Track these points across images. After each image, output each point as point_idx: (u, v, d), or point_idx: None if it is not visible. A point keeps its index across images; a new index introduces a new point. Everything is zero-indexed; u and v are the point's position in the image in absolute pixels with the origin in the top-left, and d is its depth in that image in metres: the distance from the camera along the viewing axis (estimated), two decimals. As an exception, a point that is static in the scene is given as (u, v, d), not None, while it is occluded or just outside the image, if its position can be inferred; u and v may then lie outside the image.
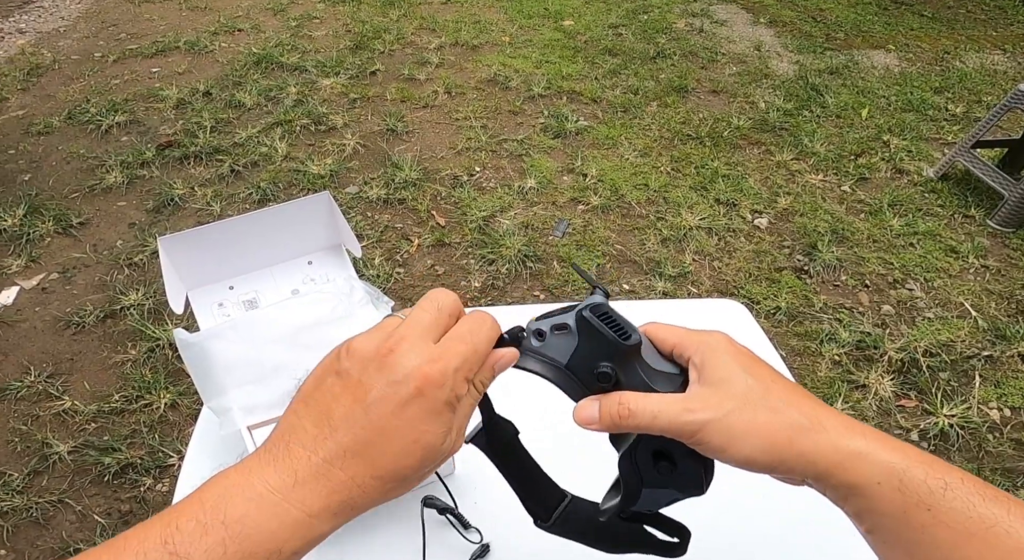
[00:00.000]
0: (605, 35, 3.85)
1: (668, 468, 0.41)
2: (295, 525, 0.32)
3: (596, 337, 0.40)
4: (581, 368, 0.40)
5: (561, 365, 0.40)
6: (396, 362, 0.34)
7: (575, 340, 0.40)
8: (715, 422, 0.37)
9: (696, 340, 0.41)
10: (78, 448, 1.68)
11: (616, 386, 0.40)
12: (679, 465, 0.41)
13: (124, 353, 1.92)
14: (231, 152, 2.75)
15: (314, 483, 0.33)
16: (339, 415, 0.34)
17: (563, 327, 0.41)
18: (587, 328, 0.40)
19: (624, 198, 2.55)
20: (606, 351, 0.40)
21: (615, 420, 0.39)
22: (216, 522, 0.31)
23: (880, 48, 3.86)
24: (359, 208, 2.48)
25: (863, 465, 0.35)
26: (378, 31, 3.78)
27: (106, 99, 3.12)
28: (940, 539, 0.33)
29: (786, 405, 0.38)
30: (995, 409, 1.82)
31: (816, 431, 0.37)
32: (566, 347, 0.40)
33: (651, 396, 0.39)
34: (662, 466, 0.41)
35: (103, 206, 2.50)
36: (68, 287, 2.16)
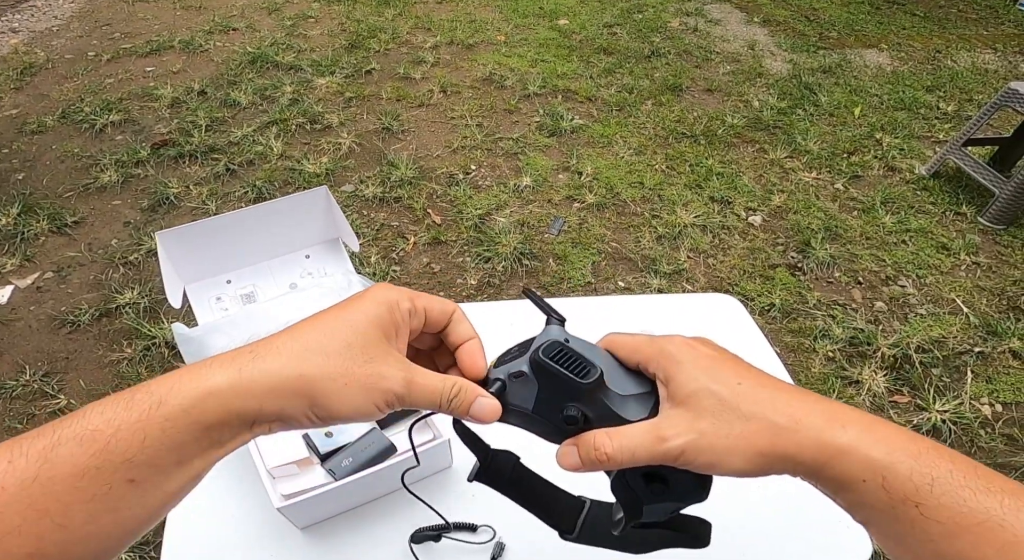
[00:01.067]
0: (600, 34, 3.86)
1: (661, 489, 0.40)
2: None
3: (554, 379, 0.38)
4: (548, 412, 0.39)
5: (528, 411, 0.39)
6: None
7: (535, 385, 0.39)
8: (693, 443, 0.36)
9: (656, 352, 0.40)
10: (74, 446, 1.67)
11: (587, 423, 0.39)
12: (671, 482, 0.40)
13: (120, 352, 1.92)
14: (226, 151, 2.75)
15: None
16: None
17: (520, 374, 0.39)
18: (543, 372, 0.38)
19: (619, 196, 2.56)
20: (568, 392, 0.38)
21: (595, 464, 0.38)
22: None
23: (873, 47, 3.89)
24: (355, 206, 2.48)
25: (847, 463, 0.35)
26: (373, 30, 3.78)
27: (100, 98, 3.11)
28: (931, 533, 0.33)
29: (760, 408, 0.37)
30: (987, 405, 1.84)
31: (795, 430, 0.36)
32: (528, 393, 0.39)
33: (624, 432, 0.38)
34: (655, 487, 0.40)
35: (98, 205, 2.49)
36: (63, 286, 2.15)
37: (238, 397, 0.34)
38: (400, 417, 0.77)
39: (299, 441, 0.73)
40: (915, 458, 0.34)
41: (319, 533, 0.71)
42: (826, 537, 0.73)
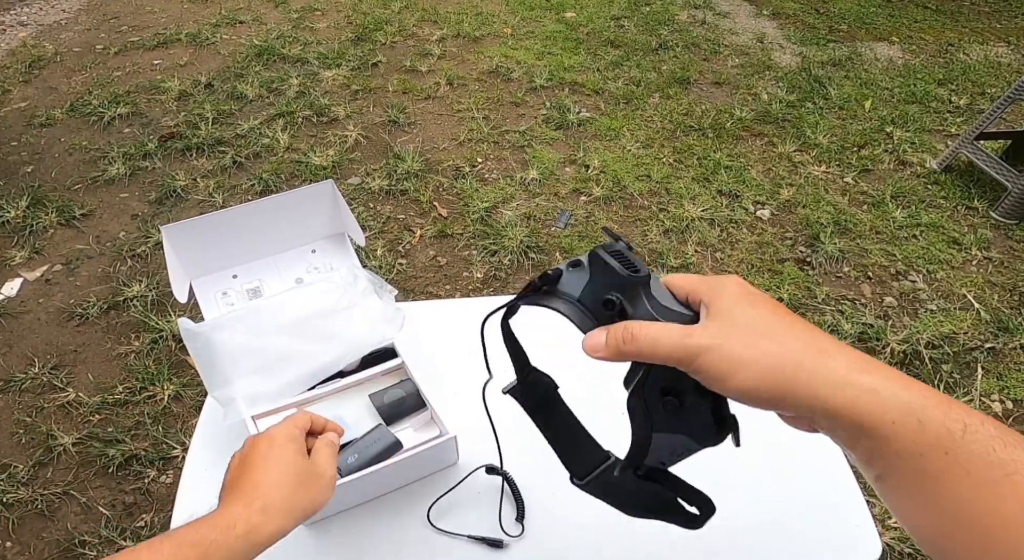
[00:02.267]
0: (607, 27, 3.83)
1: (674, 404, 0.39)
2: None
3: (606, 271, 0.41)
4: (591, 301, 0.41)
5: (573, 299, 0.42)
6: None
7: (587, 275, 0.42)
8: (715, 348, 0.35)
9: (708, 282, 0.41)
10: (82, 440, 1.69)
11: (623, 317, 0.40)
12: (686, 402, 0.39)
13: (128, 345, 1.93)
14: (233, 143, 2.75)
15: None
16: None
17: (578, 264, 0.42)
18: (598, 262, 0.41)
19: (626, 189, 2.54)
20: (615, 284, 0.41)
21: (619, 345, 0.39)
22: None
23: (883, 40, 3.84)
24: (361, 199, 2.48)
25: (877, 401, 0.32)
26: (380, 23, 3.77)
27: (108, 91, 3.12)
28: (957, 485, 0.31)
29: (792, 337, 0.35)
30: (997, 401, 1.82)
31: (824, 363, 0.34)
32: (579, 282, 0.42)
33: (655, 324, 0.39)
34: (668, 401, 0.39)
35: (106, 198, 2.50)
36: (71, 279, 2.16)
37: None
38: (405, 414, 0.77)
39: (305, 436, 0.73)
40: (947, 405, 0.32)
41: (324, 530, 0.71)
42: (837, 536, 0.72)
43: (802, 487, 0.74)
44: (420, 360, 0.80)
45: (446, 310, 0.99)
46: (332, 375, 0.77)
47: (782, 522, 0.73)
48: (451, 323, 0.95)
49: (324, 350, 0.76)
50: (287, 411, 0.76)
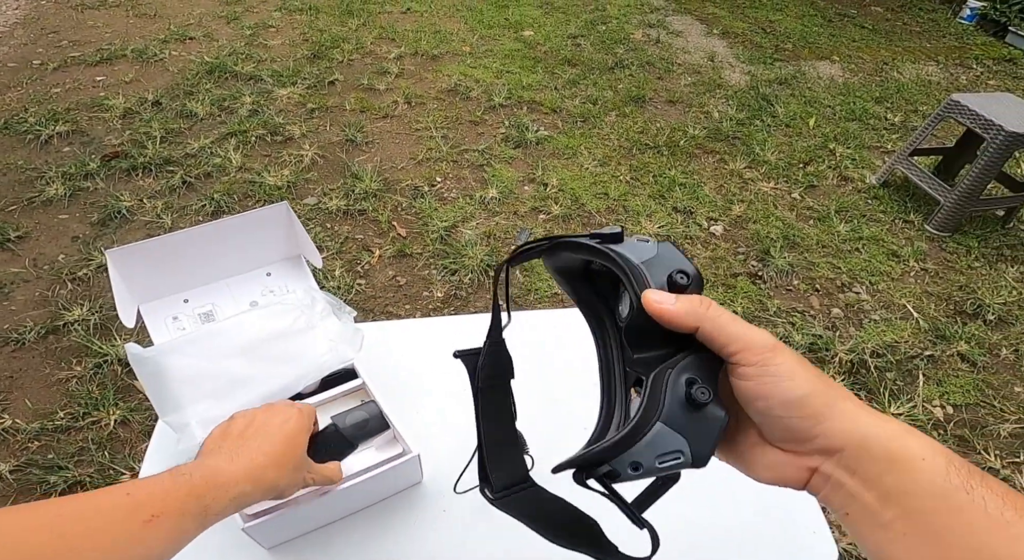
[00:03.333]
0: (564, 45, 3.91)
1: (705, 396, 0.35)
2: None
3: (674, 257, 0.39)
4: (656, 270, 0.38)
5: (638, 261, 0.38)
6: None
7: (654, 251, 0.39)
8: (786, 350, 0.36)
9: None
10: (20, 467, 1.60)
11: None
12: (709, 405, 0.35)
13: (69, 370, 1.84)
14: (182, 163, 2.67)
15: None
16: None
17: (644, 239, 0.40)
18: (666, 249, 0.39)
19: (584, 207, 2.58)
20: (685, 269, 0.38)
21: (694, 308, 0.36)
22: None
23: (825, 59, 4.03)
24: (318, 219, 2.44)
25: (912, 438, 0.34)
26: (336, 40, 3.75)
27: (46, 108, 2.99)
28: (976, 525, 0.31)
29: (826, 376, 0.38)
30: (938, 407, 1.91)
31: (862, 405, 0.36)
32: (643, 253, 0.39)
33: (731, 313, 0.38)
34: (700, 391, 0.35)
35: (43, 219, 2.39)
36: (6, 303, 2.05)
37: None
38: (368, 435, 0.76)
39: (261, 464, 0.71)
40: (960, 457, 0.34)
41: (286, 553, 0.69)
42: (794, 542, 0.74)
43: (759, 493, 0.76)
44: (381, 380, 0.79)
45: (406, 330, 0.98)
46: (291, 397, 0.75)
47: (739, 528, 0.74)
48: (411, 342, 0.94)
49: (281, 372, 0.74)
50: (242, 439, 0.73)
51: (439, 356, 0.92)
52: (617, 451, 0.35)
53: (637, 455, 0.35)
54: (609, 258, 0.39)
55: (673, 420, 0.35)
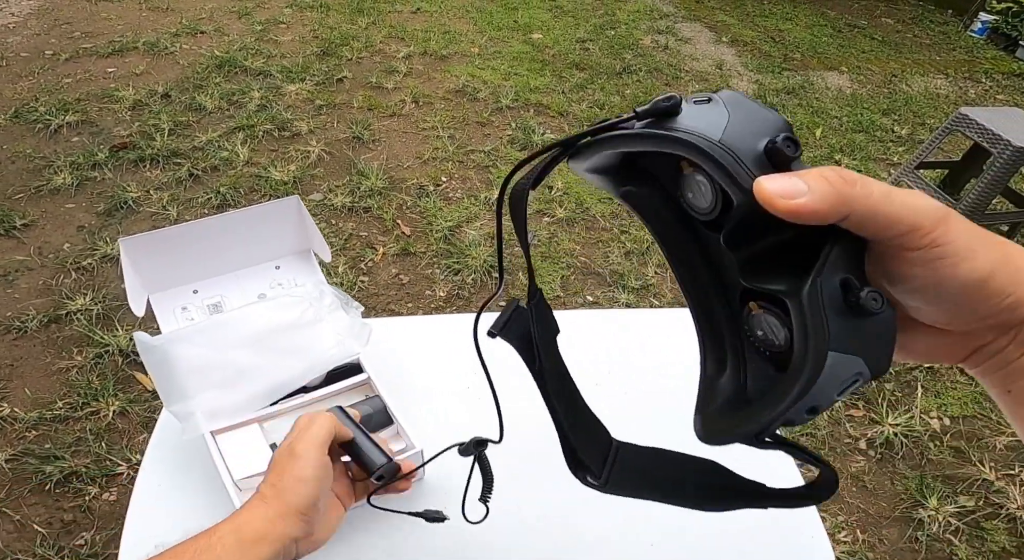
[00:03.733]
0: (573, 49, 3.92)
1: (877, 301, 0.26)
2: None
3: (756, 114, 0.28)
4: (741, 144, 0.27)
5: (713, 140, 0.27)
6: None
7: (725, 114, 0.28)
8: (958, 218, 0.26)
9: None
10: (17, 456, 1.60)
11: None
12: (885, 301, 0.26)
13: (69, 359, 1.84)
14: (190, 156, 2.69)
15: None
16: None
17: (707, 100, 0.29)
18: (736, 102, 0.29)
19: (589, 211, 2.59)
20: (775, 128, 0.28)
21: (837, 191, 0.25)
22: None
23: (834, 69, 4.04)
24: (323, 215, 2.45)
25: None
26: (346, 38, 3.76)
27: (56, 98, 3.01)
28: None
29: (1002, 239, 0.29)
30: (936, 419, 1.91)
31: None
32: (715, 121, 0.28)
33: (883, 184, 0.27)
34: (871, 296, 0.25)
35: (50, 208, 2.40)
36: (9, 290, 2.06)
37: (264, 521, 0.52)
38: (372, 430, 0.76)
39: (267, 452, 0.72)
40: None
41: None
42: (791, 547, 0.74)
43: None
44: (385, 376, 0.79)
45: (410, 327, 0.99)
46: (296, 390, 0.76)
47: (735, 533, 0.75)
48: (417, 339, 0.94)
49: (288, 364, 0.75)
50: (248, 426, 0.74)
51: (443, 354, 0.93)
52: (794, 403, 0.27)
53: (814, 399, 0.27)
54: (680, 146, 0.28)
55: (842, 341, 0.26)
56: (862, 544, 1.58)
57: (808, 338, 0.26)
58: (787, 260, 0.28)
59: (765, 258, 0.29)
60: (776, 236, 0.28)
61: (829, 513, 1.64)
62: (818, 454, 0.31)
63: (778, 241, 0.28)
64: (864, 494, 1.71)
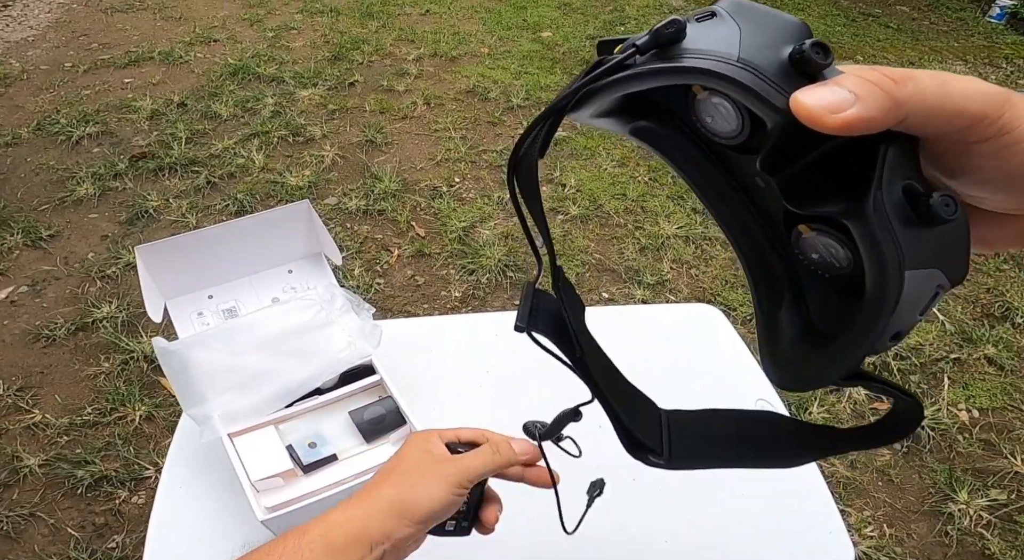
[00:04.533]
0: (583, 46, 3.90)
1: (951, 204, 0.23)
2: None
3: (771, 20, 0.25)
4: (761, 57, 0.24)
5: (730, 59, 0.24)
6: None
7: (735, 27, 0.25)
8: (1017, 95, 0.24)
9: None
10: (49, 461, 1.64)
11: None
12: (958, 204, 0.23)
13: (97, 366, 1.88)
14: (207, 163, 2.73)
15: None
16: None
17: (710, 15, 0.25)
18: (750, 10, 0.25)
19: (602, 208, 2.58)
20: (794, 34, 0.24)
21: (887, 90, 0.22)
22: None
23: (848, 59, 3.98)
24: (338, 219, 2.47)
25: None
26: (356, 42, 3.79)
27: (77, 110, 3.07)
28: None
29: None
30: (963, 411, 1.87)
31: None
32: (726, 37, 0.24)
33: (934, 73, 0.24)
34: (941, 200, 0.23)
35: (74, 218, 2.45)
36: (38, 300, 2.11)
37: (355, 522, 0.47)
38: (385, 431, 0.77)
39: (283, 453, 0.73)
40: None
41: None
42: (811, 543, 0.73)
43: (777, 494, 0.76)
44: (398, 377, 0.80)
45: (423, 327, 0.99)
46: (310, 392, 0.77)
47: (755, 528, 0.74)
48: (429, 340, 0.95)
49: (301, 367, 0.76)
50: (264, 428, 0.75)
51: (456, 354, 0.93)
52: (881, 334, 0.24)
53: (898, 323, 0.24)
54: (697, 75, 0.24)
55: (917, 255, 0.23)
56: (889, 539, 1.56)
57: (881, 261, 0.23)
58: (836, 176, 0.25)
59: (811, 177, 0.25)
60: (819, 151, 0.25)
61: (854, 508, 1.62)
62: (898, 384, 0.28)
63: (821, 156, 0.25)
64: (891, 488, 1.68)
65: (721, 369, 0.94)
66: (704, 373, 0.94)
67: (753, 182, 0.29)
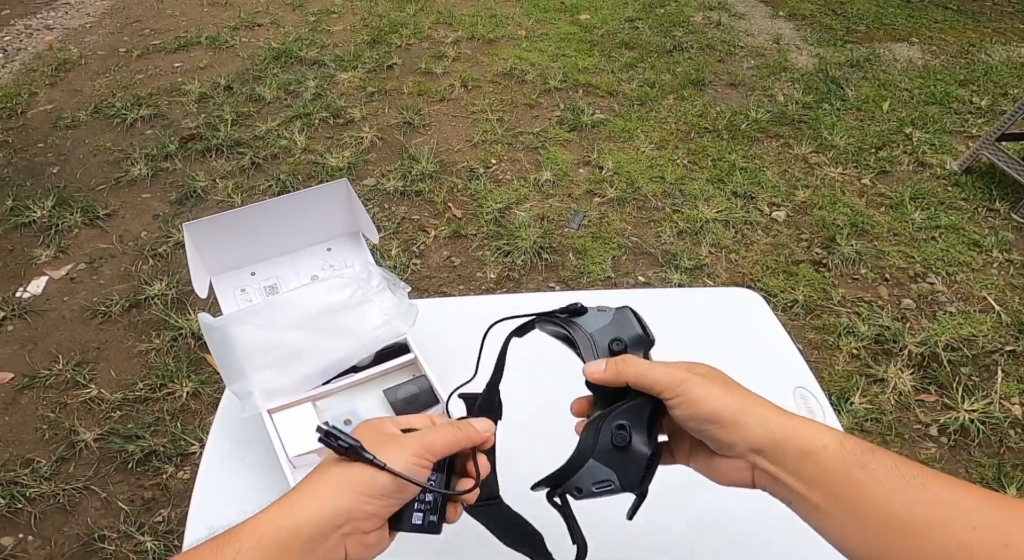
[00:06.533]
0: (621, 29, 3.83)
1: (623, 438, 0.46)
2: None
3: (626, 324, 0.50)
4: (601, 339, 0.50)
5: (587, 333, 0.51)
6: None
7: (608, 320, 0.51)
8: (696, 379, 0.46)
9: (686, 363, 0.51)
10: (104, 436, 1.72)
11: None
12: (632, 442, 0.46)
13: (148, 342, 1.97)
14: (251, 145, 2.79)
15: None
16: None
17: (604, 310, 0.52)
18: (621, 315, 0.51)
19: (640, 190, 2.54)
20: (629, 336, 0.50)
21: (617, 368, 0.48)
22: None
23: (903, 41, 3.79)
24: (376, 200, 2.50)
25: (811, 430, 0.43)
26: (395, 25, 3.80)
27: (131, 93, 3.18)
28: (876, 494, 0.39)
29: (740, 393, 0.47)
30: (1017, 405, 1.79)
31: (764, 405, 0.45)
32: (597, 323, 0.51)
33: (646, 361, 0.49)
34: (619, 434, 0.46)
35: (128, 198, 2.56)
36: (95, 277, 2.21)
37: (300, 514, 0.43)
38: (418, 409, 0.78)
39: (320, 429, 0.75)
40: (855, 437, 0.43)
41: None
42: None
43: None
44: (432, 356, 0.81)
45: (458, 307, 1.00)
46: (346, 370, 0.79)
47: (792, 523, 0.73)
48: (463, 320, 0.96)
49: (339, 345, 0.77)
50: (302, 404, 0.78)
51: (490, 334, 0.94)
52: (561, 479, 0.48)
53: (577, 482, 0.47)
54: (567, 333, 0.51)
55: (604, 457, 0.47)
56: (929, 535, 1.52)
57: (577, 446, 0.48)
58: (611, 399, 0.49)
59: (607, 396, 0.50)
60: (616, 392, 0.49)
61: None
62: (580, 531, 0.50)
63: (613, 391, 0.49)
64: (932, 483, 1.63)
65: (761, 355, 0.92)
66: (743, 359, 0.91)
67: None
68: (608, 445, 0.46)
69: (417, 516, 0.48)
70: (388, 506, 0.45)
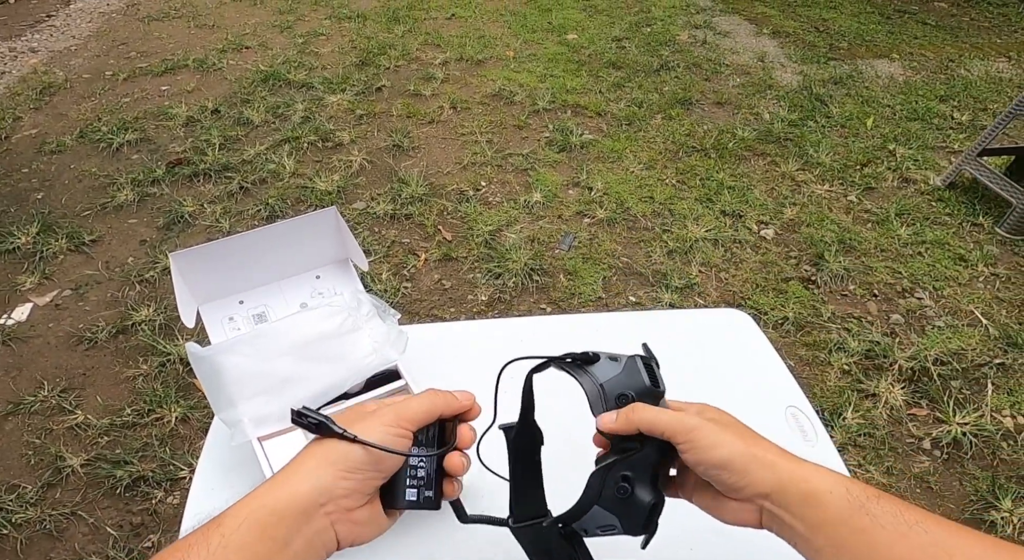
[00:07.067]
0: (608, 48, 3.88)
1: (625, 490, 0.49)
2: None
3: (633, 374, 0.51)
4: (611, 389, 0.51)
5: (598, 382, 0.51)
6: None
7: (620, 370, 0.52)
8: (707, 425, 0.47)
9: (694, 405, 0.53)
10: (91, 461, 1.69)
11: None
12: (635, 493, 0.49)
13: (136, 368, 1.94)
14: (240, 169, 2.79)
15: None
16: None
17: (615, 358, 0.53)
18: (630, 365, 0.52)
19: (630, 211, 2.56)
20: (637, 387, 0.51)
21: (627, 417, 0.49)
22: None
23: (884, 57, 3.87)
24: (366, 224, 2.50)
25: (817, 476, 0.44)
26: (383, 47, 3.83)
27: (117, 117, 3.17)
28: (878, 540, 0.40)
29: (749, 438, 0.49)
30: (1008, 417, 1.80)
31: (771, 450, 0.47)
32: (609, 372, 0.52)
33: (659, 409, 0.50)
34: (622, 487, 0.49)
35: (114, 224, 2.53)
36: (80, 303, 2.18)
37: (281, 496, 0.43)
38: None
39: (310, 461, 0.73)
40: (861, 482, 0.44)
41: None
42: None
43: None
44: (423, 381, 0.80)
45: (448, 332, 1.00)
46: (337, 397, 0.77)
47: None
48: (454, 345, 0.95)
49: (328, 372, 0.77)
50: (293, 432, 0.76)
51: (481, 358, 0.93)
52: (569, 520, 0.51)
53: (584, 524, 0.50)
54: (577, 380, 0.52)
55: (608, 504, 0.49)
56: (927, 552, 1.51)
57: (584, 492, 0.51)
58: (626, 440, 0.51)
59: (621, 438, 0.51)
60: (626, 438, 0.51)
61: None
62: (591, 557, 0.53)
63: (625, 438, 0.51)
64: (930, 495, 1.63)
65: (752, 376, 0.92)
66: (733, 379, 0.92)
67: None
68: (612, 493, 0.49)
69: (411, 492, 0.48)
70: (367, 480, 0.45)
